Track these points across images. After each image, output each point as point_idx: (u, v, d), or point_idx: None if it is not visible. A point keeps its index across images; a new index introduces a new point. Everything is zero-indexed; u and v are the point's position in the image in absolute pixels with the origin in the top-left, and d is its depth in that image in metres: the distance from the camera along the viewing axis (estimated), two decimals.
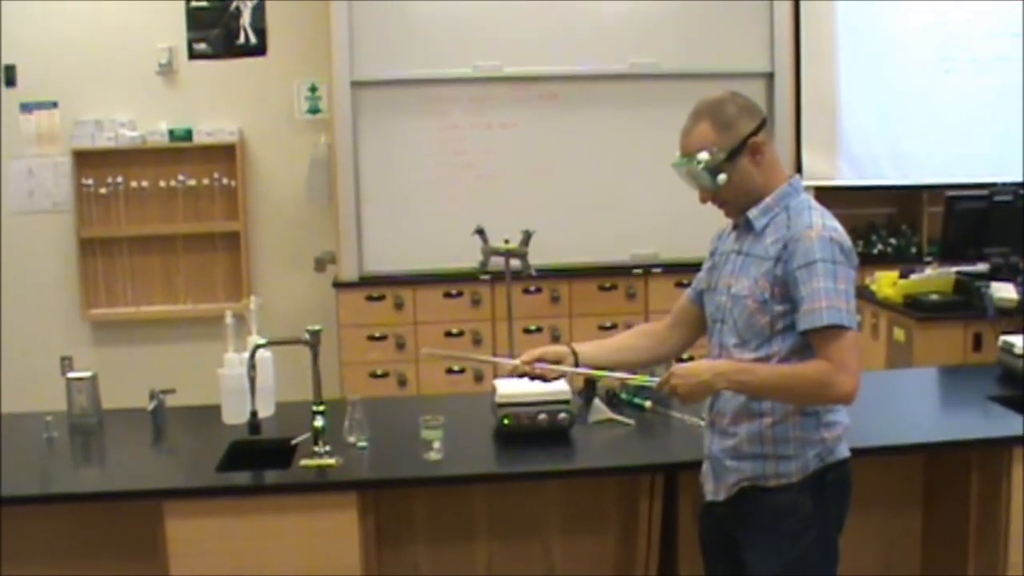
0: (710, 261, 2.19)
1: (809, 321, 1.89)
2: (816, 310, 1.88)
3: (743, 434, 2.03)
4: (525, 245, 3.38)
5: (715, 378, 1.94)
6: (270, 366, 2.75)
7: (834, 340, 1.87)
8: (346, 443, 2.50)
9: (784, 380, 1.92)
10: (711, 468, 2.12)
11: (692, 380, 1.95)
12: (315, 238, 4.91)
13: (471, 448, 2.51)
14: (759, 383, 1.93)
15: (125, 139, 4.82)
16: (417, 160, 4.63)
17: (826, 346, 1.89)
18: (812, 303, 1.89)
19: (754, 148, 2.00)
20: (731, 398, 2.04)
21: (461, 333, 4.59)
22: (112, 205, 4.87)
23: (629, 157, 4.72)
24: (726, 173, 1.99)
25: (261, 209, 5.00)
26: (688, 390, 1.96)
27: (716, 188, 2.00)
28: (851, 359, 1.87)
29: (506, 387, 2.63)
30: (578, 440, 2.56)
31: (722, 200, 2.04)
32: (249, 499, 2.29)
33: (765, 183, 2.02)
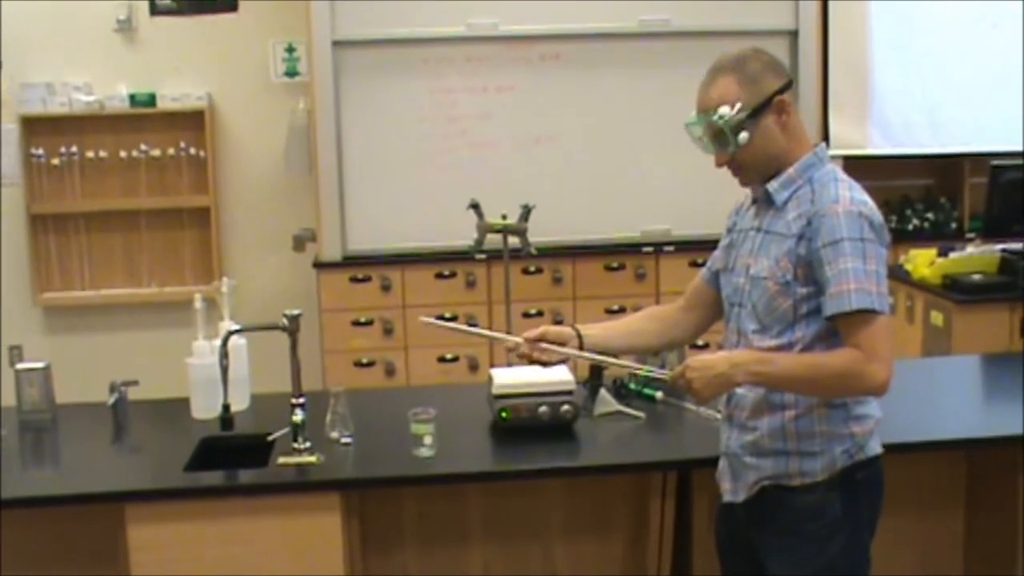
0: (727, 238, 2.18)
1: (836, 305, 1.89)
2: (843, 293, 1.88)
3: (764, 428, 2.03)
4: (524, 221, 3.38)
5: (733, 370, 1.94)
6: (244, 355, 2.75)
7: (863, 326, 1.87)
8: (328, 439, 2.51)
9: (809, 371, 1.92)
10: (729, 466, 2.12)
11: (708, 373, 1.95)
12: (293, 214, 4.90)
13: (465, 444, 2.52)
14: (781, 374, 1.93)
15: (80, 104, 4.79)
16: (405, 128, 4.61)
17: (855, 333, 1.88)
18: (839, 285, 1.88)
19: (780, 107, 1.99)
20: (750, 389, 2.04)
21: (454, 317, 4.59)
22: (66, 178, 4.86)
23: (639, 124, 4.71)
24: (748, 132, 1.98)
25: (233, 182, 4.99)
26: (704, 384, 1.95)
27: (736, 149, 1.99)
28: (883, 346, 1.87)
29: (504, 377, 2.64)
30: (583, 435, 2.56)
31: (740, 164, 2.03)
32: (221, 501, 2.29)
33: (788, 149, 2.01)
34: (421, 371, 4.63)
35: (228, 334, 2.44)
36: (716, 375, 1.94)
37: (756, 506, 2.07)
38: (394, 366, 4.62)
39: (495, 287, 4.59)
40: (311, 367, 4.15)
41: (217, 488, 2.32)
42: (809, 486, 2.00)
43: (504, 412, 2.54)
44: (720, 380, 1.95)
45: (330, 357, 4.59)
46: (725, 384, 1.96)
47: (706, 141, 2.03)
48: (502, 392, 2.57)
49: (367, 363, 4.62)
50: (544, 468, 2.42)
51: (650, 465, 2.43)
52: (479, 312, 4.63)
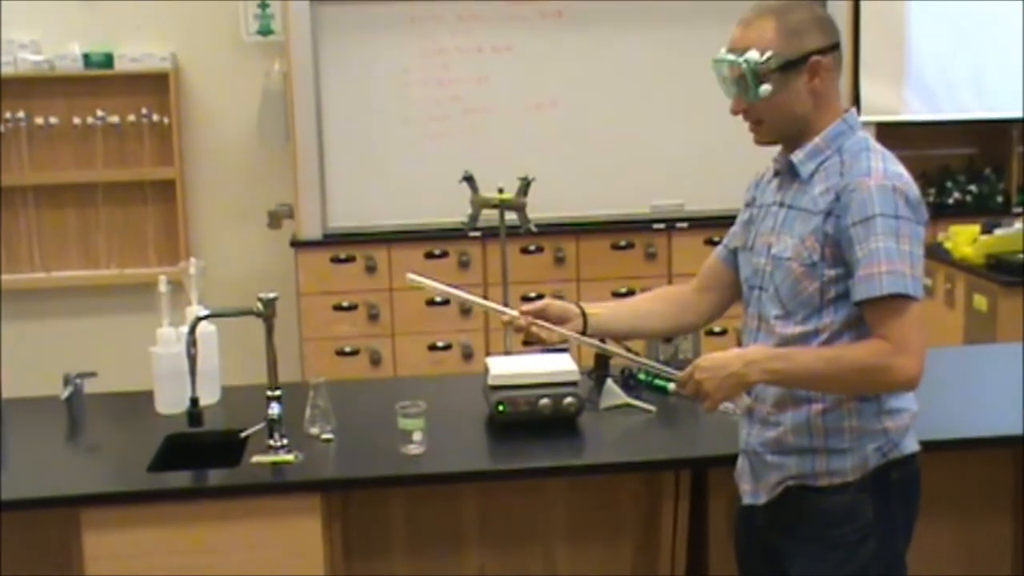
0: (746, 213, 2.18)
1: (865, 290, 1.89)
2: (874, 276, 1.88)
3: (788, 423, 2.03)
4: (523, 195, 3.37)
5: (747, 368, 1.94)
6: (214, 343, 2.75)
7: (894, 313, 1.87)
8: (307, 435, 2.51)
9: (830, 365, 1.92)
10: (749, 464, 2.13)
11: (720, 374, 1.95)
12: (268, 188, 4.90)
13: (459, 440, 2.52)
14: (800, 371, 1.93)
15: (27, 65, 4.76)
16: (392, 93, 4.60)
17: (884, 320, 1.88)
18: (869, 267, 1.88)
19: (815, 69, 1.98)
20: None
21: (446, 301, 4.61)
22: (12, 147, 4.84)
23: (649, 88, 4.70)
24: (772, 85, 1.98)
25: (201, 152, 4.98)
26: (716, 386, 1.96)
27: (755, 99, 1.99)
28: (914, 337, 1.87)
29: (501, 367, 2.64)
30: (587, 430, 2.57)
31: (757, 117, 2.02)
32: (188, 505, 2.29)
33: (814, 116, 2.01)
34: (410, 360, 4.64)
35: (196, 320, 2.43)
36: (728, 375, 1.95)
37: (779, 509, 2.07)
38: (380, 355, 4.63)
39: (491, 267, 4.60)
40: (288, 356, 4.15)
41: (184, 490, 2.32)
42: (838, 487, 2.00)
43: (501, 405, 2.55)
44: (733, 380, 1.95)
45: (309, 345, 4.60)
46: (738, 385, 1.97)
47: (727, 83, 2.02)
48: (499, 383, 2.58)
49: (350, 352, 4.62)
50: (545, 467, 2.43)
51: (662, 463, 2.43)
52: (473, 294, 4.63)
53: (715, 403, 1.98)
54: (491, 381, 2.60)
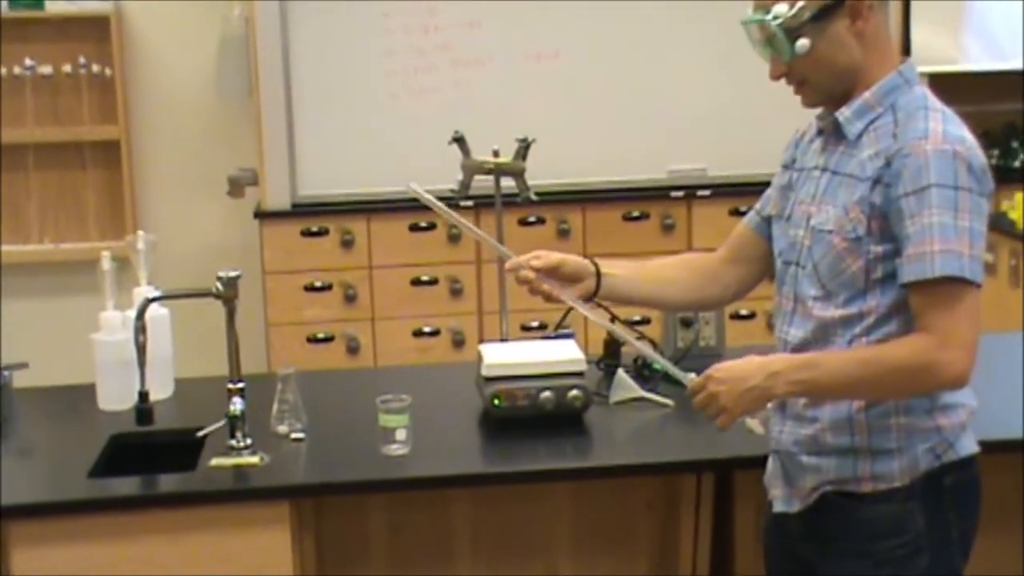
0: (783, 176, 2.18)
1: (915, 271, 1.88)
2: (925, 255, 1.87)
3: (826, 420, 2.03)
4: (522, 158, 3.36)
5: (770, 381, 1.95)
6: (167, 329, 2.75)
7: (945, 300, 1.87)
8: (275, 434, 2.52)
9: (867, 369, 1.92)
10: (781, 467, 2.13)
11: (739, 387, 1.96)
12: (228, 150, 4.89)
13: (448, 439, 2.53)
14: (833, 379, 1.94)
15: None
16: (371, 40, 4.59)
17: (931, 308, 1.88)
18: (920, 245, 1.88)
19: (855, 10, 1.97)
20: None
21: (434, 280, 4.61)
22: None
23: (666, 36, 4.68)
24: (809, 39, 1.97)
25: (149, 109, 4.97)
26: (734, 399, 1.96)
27: (793, 58, 1.98)
28: (963, 328, 1.87)
29: (496, 355, 2.65)
30: (596, 427, 2.57)
31: (800, 78, 2.02)
32: (137, 515, 2.29)
33: (865, 65, 2.00)
34: (392, 348, 4.64)
35: (145, 302, 2.43)
36: (748, 388, 1.96)
37: (816, 518, 2.07)
38: (358, 342, 4.63)
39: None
40: (252, 344, 4.15)
41: (131, 499, 2.31)
42: (884, 493, 2.00)
43: (497, 399, 2.55)
44: (754, 395, 1.96)
45: (277, 331, 4.60)
46: (760, 399, 1.98)
47: (760, 46, 2.02)
48: (494, 374, 2.58)
49: (324, 338, 4.63)
50: (547, 469, 2.43)
51: (681, 465, 2.43)
52: (464, 273, 4.64)
53: (731, 419, 1.99)
54: (485, 371, 2.60)
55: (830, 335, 2.00)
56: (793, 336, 2.06)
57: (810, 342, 2.03)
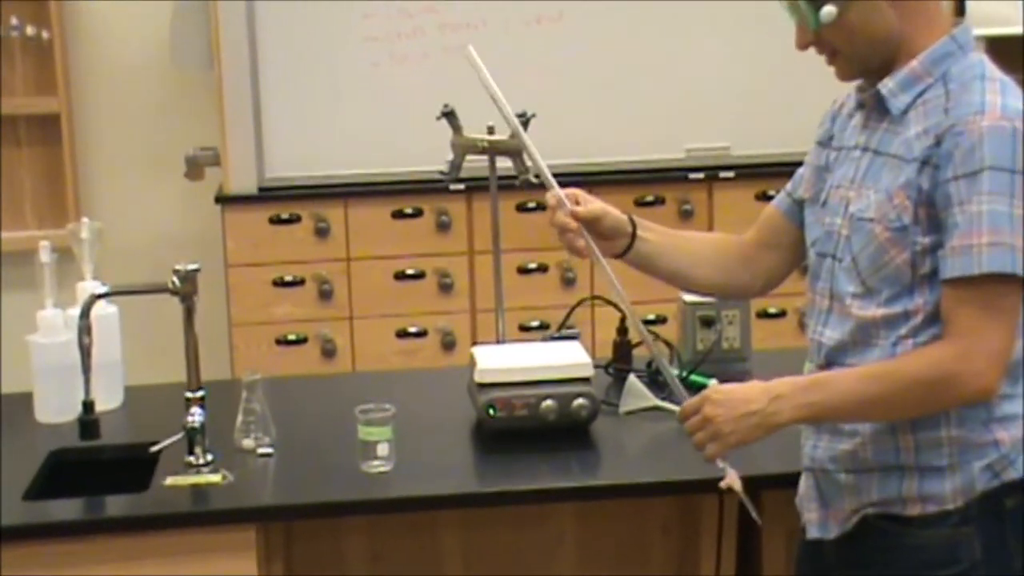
0: (819, 155, 2.18)
1: (958, 265, 1.88)
2: (971, 249, 1.87)
3: (866, 433, 2.03)
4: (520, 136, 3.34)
5: (775, 405, 1.96)
6: (116, 330, 2.75)
7: (982, 300, 1.87)
8: (239, 449, 2.53)
9: (882, 385, 1.93)
10: (816, 486, 2.13)
11: (739, 410, 1.97)
12: (186, 126, 4.87)
13: (437, 454, 2.54)
14: (845, 400, 1.95)
15: None
16: (349, 1, 4.56)
17: (964, 308, 1.88)
18: (967, 236, 1.88)
19: None
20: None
21: (420, 274, 4.61)
22: None
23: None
24: (836, 5, 1.97)
25: (94, 79, 4.95)
26: (732, 425, 1.98)
27: (818, 26, 1.99)
28: (995, 335, 1.87)
29: (491, 358, 2.65)
30: (604, 441, 2.57)
31: (831, 48, 2.02)
32: (81, 542, 2.28)
33: (908, 32, 1.99)
34: (373, 350, 4.63)
35: (91, 299, 2.43)
36: (749, 413, 1.97)
37: (855, 544, 2.07)
38: (334, 344, 4.62)
39: (478, 230, 4.59)
40: (214, 346, 4.13)
41: (74, 524, 2.31)
42: (934, 517, 2.00)
43: (492, 409, 2.55)
44: (754, 421, 1.98)
45: (241, 332, 4.60)
46: (762, 427, 1.99)
47: (787, 12, 2.02)
48: (489, 380, 2.58)
49: (295, 340, 4.62)
50: (549, 488, 2.43)
51: (701, 484, 2.41)
52: (455, 266, 4.63)
53: (723, 448, 2.01)
54: (479, 377, 2.60)
55: (871, 337, 2.00)
56: (829, 338, 2.06)
57: (848, 345, 2.03)
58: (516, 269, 4.57)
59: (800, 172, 2.22)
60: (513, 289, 4.19)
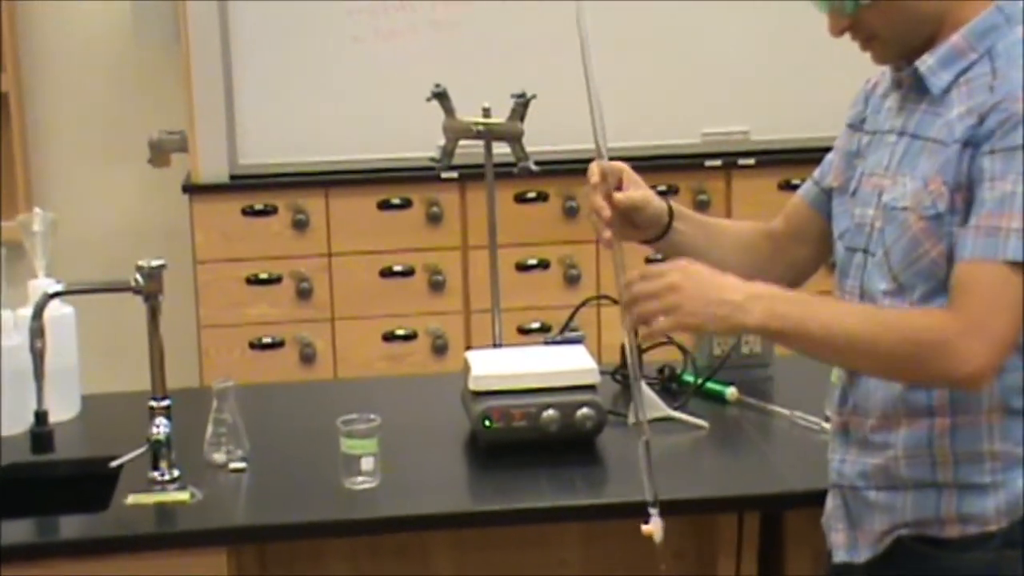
0: (850, 138, 2.18)
1: (981, 247, 1.88)
2: (999, 232, 1.87)
3: (900, 445, 2.03)
4: (519, 119, 3.35)
5: (750, 303, 1.95)
6: (71, 332, 2.75)
7: (993, 284, 1.86)
8: (210, 464, 2.53)
9: (869, 326, 1.92)
10: (844, 505, 2.13)
11: (708, 292, 1.96)
12: (150, 108, 4.87)
13: (427, 469, 2.54)
14: (822, 327, 1.93)
15: None
16: None
17: (973, 288, 1.88)
18: (995, 217, 1.88)
19: None
20: (878, 385, 2.03)
21: (409, 271, 4.61)
22: None
23: None
24: None
25: (48, 56, 4.95)
26: (696, 304, 1.96)
27: (853, 11, 1.99)
28: (1002, 321, 1.87)
29: (487, 364, 2.65)
30: (612, 455, 2.57)
31: (867, 33, 2.03)
32: (34, 567, 2.27)
33: (949, 7, 1.99)
34: (357, 355, 4.63)
35: (44, 299, 2.42)
36: (720, 301, 1.96)
37: (888, 569, 2.07)
38: (314, 348, 4.62)
39: (473, 222, 4.60)
40: (181, 350, 4.13)
41: (26, 547, 2.30)
42: (975, 539, 1.99)
43: (488, 419, 2.55)
44: (723, 312, 1.96)
45: (212, 334, 4.60)
46: (727, 321, 1.97)
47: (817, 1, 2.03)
48: (485, 387, 2.58)
49: (271, 343, 4.62)
50: (551, 507, 2.43)
51: (718, 503, 2.44)
52: (447, 262, 4.63)
53: (674, 326, 1.98)
54: (473, 385, 2.60)
55: None
56: None
57: None
58: (514, 265, 4.57)
59: (829, 158, 2.23)
60: (511, 287, 4.19)
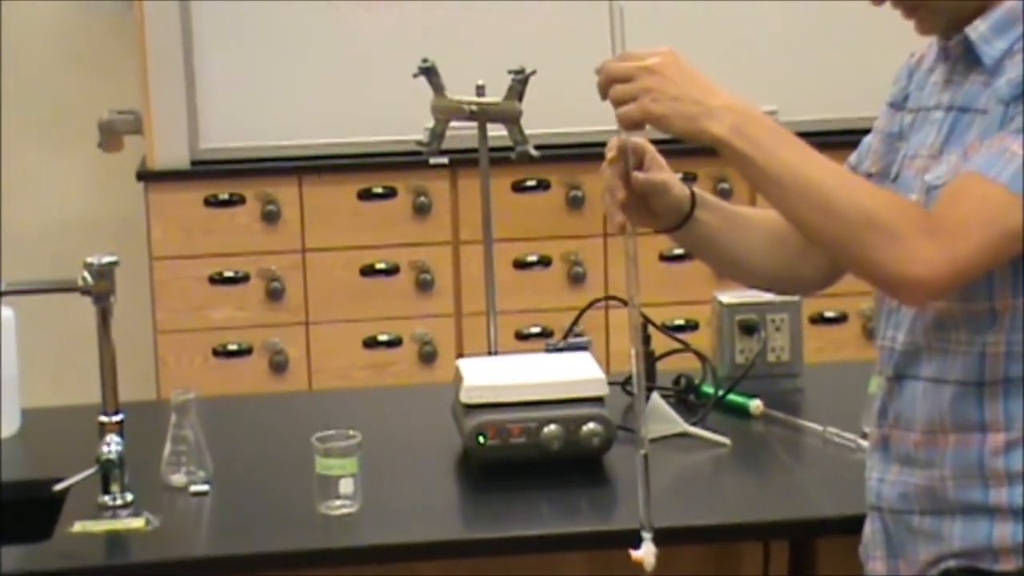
0: (892, 119, 2.19)
1: (983, 161, 1.90)
2: (1004, 154, 1.89)
3: (947, 463, 2.03)
4: (517, 98, 3.34)
5: (720, 112, 1.98)
6: (12, 338, 2.75)
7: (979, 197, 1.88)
8: (168, 487, 2.52)
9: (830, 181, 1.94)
10: (884, 531, 2.13)
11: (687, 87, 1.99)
12: (99, 84, 4.87)
13: (413, 492, 2.54)
14: (782, 162, 1.95)
15: None
16: None
17: (958, 196, 1.90)
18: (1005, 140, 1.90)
19: None
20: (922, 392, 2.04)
21: (394, 269, 4.62)
22: None
23: None
24: None
25: None
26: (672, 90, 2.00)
27: None
28: (973, 244, 1.88)
29: (481, 373, 2.65)
30: (621, 476, 2.57)
31: (910, 1, 2.03)
32: None
33: None
34: (334, 364, 4.64)
35: None
36: (694, 99, 1.99)
37: None
38: (286, 355, 4.62)
39: (465, 214, 4.60)
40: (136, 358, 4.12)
41: None
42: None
43: (482, 436, 2.55)
44: (692, 111, 1.99)
45: (170, 340, 4.60)
46: (691, 120, 2.00)
47: None
48: (479, 399, 2.58)
49: (237, 350, 4.62)
50: (553, 535, 2.43)
51: (742, 529, 2.44)
52: (437, 258, 4.64)
53: (641, 114, 2.02)
54: (466, 397, 2.60)
55: (950, 340, 2.00)
56: (901, 342, 2.06)
57: (923, 349, 2.03)
58: (512, 263, 4.57)
59: (867, 141, 2.23)
60: (508, 287, 4.18)
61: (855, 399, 2.56)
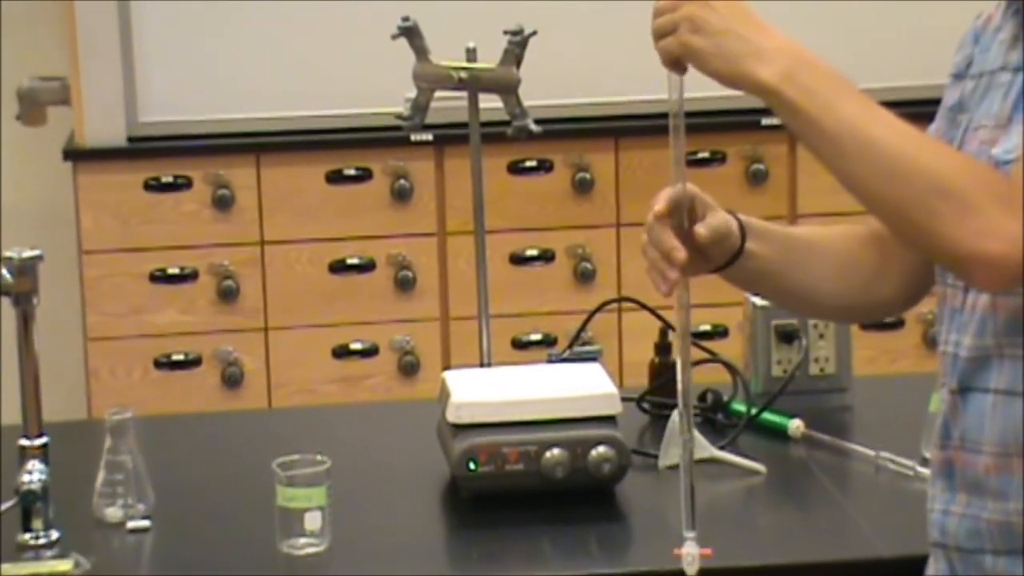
0: (955, 91, 2.20)
1: None
2: None
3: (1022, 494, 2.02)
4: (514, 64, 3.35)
5: (774, 54, 2.00)
6: None
7: None
8: (101, 522, 2.53)
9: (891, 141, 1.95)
10: (949, 571, 2.13)
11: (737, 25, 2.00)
12: (19, 48, 4.89)
13: (392, 527, 2.55)
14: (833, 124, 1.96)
15: None
16: None
17: None
18: None
19: None
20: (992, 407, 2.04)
21: (369, 264, 4.62)
22: None
23: None
24: None
25: None
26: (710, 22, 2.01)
27: None
28: None
29: (471, 388, 2.66)
30: (637, 508, 2.59)
31: None
32: None
33: None
34: (299, 376, 4.65)
35: None
36: (740, 35, 2.00)
37: None
38: (241, 367, 4.63)
39: (452, 199, 4.64)
40: (64, 370, 4.13)
41: None
42: None
43: (473, 461, 2.56)
44: (736, 48, 2.00)
45: (103, 349, 4.62)
46: (735, 63, 2.01)
47: None
48: (469, 418, 2.59)
49: (184, 360, 4.63)
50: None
51: (780, 572, 2.45)
52: (420, 252, 4.65)
53: (681, 49, 2.07)
54: (453, 415, 2.61)
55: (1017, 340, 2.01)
56: (967, 348, 2.06)
57: (992, 354, 2.04)
58: (508, 257, 4.59)
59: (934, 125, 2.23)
60: (504, 286, 4.19)
61: (913, 419, 2.57)
